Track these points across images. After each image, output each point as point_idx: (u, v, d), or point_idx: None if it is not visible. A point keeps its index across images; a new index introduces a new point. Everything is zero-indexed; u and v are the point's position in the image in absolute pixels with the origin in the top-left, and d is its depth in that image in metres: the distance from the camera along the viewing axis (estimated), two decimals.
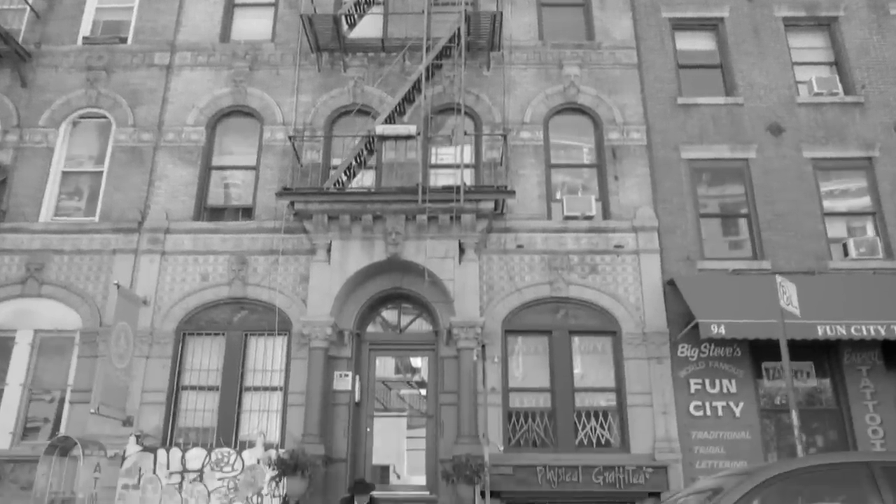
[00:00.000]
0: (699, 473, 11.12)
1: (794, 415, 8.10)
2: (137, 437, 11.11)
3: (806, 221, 12.44)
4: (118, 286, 11.14)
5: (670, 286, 11.96)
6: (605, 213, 12.58)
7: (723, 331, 10.57)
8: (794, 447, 11.49)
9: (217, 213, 12.95)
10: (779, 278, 8.54)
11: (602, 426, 11.56)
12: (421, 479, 11.63)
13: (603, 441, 11.48)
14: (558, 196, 12.70)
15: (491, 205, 11.57)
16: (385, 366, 13.64)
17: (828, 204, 12.71)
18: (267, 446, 11.00)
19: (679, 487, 10.94)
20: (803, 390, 11.85)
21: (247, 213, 12.82)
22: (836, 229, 12.63)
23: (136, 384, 11.60)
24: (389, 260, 11.63)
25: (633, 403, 11.47)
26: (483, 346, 10.59)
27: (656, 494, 10.90)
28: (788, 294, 8.47)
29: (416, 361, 14.11)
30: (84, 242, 12.42)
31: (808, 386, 11.86)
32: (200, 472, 10.83)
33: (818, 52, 13.93)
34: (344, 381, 11.51)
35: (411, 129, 12.04)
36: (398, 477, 12.05)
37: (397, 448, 12.12)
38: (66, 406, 11.69)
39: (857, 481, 4.50)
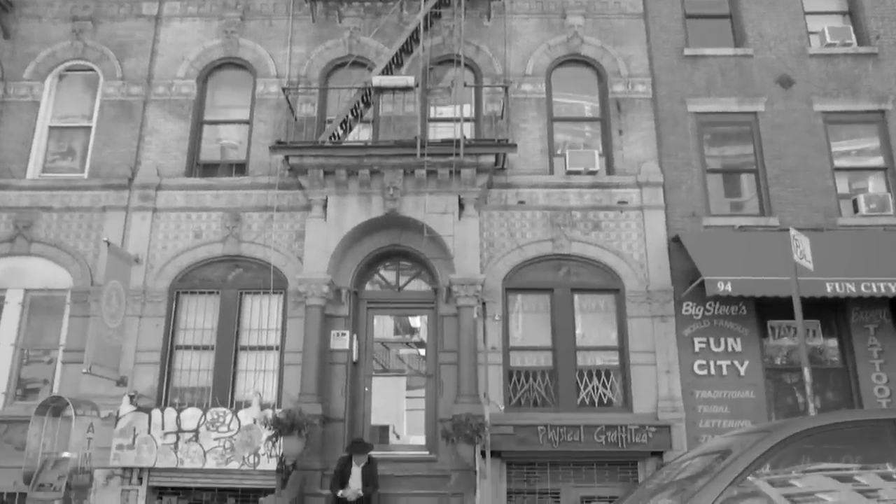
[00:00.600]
0: (702, 433, 10.97)
1: (807, 372, 7.85)
2: (131, 397, 10.91)
3: (815, 177, 12.09)
4: (108, 243, 10.83)
5: (675, 243, 11.66)
6: (609, 169, 12.22)
7: (729, 288, 10.30)
8: (798, 407, 11.37)
9: (210, 169, 12.59)
10: (793, 231, 8.22)
11: (604, 385, 11.37)
12: (420, 440, 11.48)
13: (605, 400, 11.30)
14: (560, 151, 12.31)
15: (491, 159, 11.21)
16: (383, 326, 13.44)
17: (838, 159, 12.34)
18: (263, 406, 10.80)
19: (682, 447, 10.79)
20: (809, 349, 11.62)
21: (240, 168, 12.46)
22: (845, 185, 12.30)
23: (129, 344, 11.37)
24: (387, 216, 11.30)
25: (636, 362, 11.26)
26: (483, 304, 10.33)
27: (659, 454, 10.75)
28: (802, 248, 8.16)
29: (415, 321, 13.91)
30: (73, 199, 12.08)
31: (814, 344, 11.63)
32: (196, 432, 10.65)
33: (831, 0, 13.43)
34: (341, 340, 11.28)
35: (409, 80, 11.61)
36: (397, 437, 11.91)
37: (396, 408, 11.96)
38: (59, 366, 11.48)
39: (880, 439, 4.23)
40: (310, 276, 11.03)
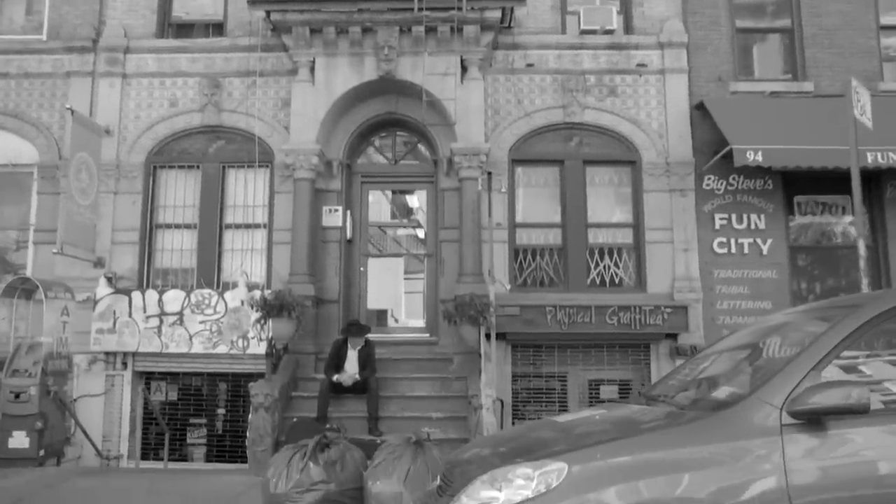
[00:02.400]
0: (720, 314, 10.33)
1: (861, 245, 7.06)
2: (109, 278, 10.16)
3: (857, 37, 10.88)
4: (72, 111, 9.76)
5: (698, 111, 10.61)
6: (628, 27, 10.99)
7: (759, 158, 9.32)
8: (824, 287, 10.67)
9: (184, 30, 11.31)
10: (854, 82, 7.19)
11: (616, 265, 10.62)
12: (420, 323, 10.84)
13: (617, 280, 10.58)
14: (574, 7, 11.00)
15: (497, 13, 9.96)
16: (379, 208, 12.61)
17: (885, 15, 11.07)
18: (251, 287, 10.07)
19: (698, 329, 10.17)
20: (837, 226, 10.82)
21: (218, 29, 11.19)
22: (891, 46, 11.10)
23: (105, 223, 10.52)
24: (382, 79, 10.15)
25: (652, 240, 10.45)
26: (489, 174, 9.37)
27: (673, 336, 10.12)
28: (863, 102, 7.16)
29: (413, 200, 13.07)
30: (32, 64, 10.89)
31: (843, 221, 10.81)
32: (180, 314, 9.96)
33: None
34: (334, 217, 10.41)
35: None
36: (395, 321, 11.27)
37: (394, 291, 11.27)
38: (31, 247, 10.66)
39: None
40: (297, 146, 10.03)
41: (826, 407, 3.04)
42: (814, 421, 3.09)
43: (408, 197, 12.89)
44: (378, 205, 12.49)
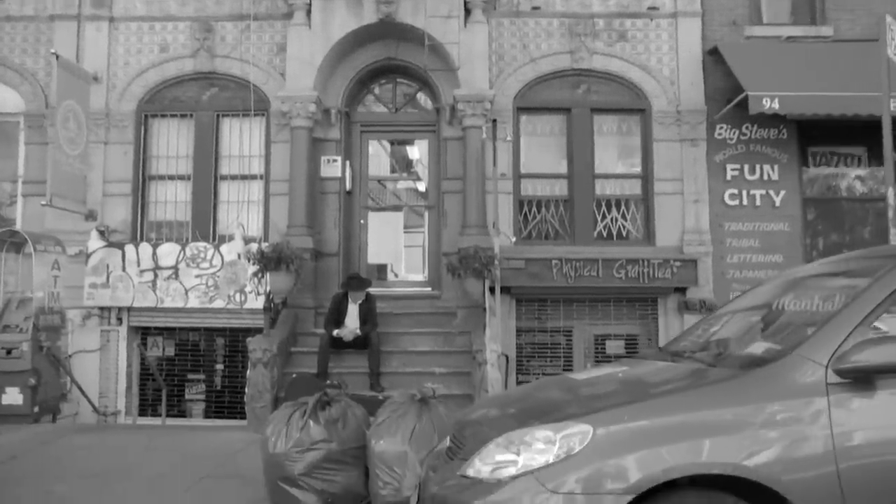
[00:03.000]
0: (730, 268, 10.06)
1: (891, 194, 6.74)
2: (101, 231, 9.85)
3: None
4: (56, 56, 9.30)
5: (711, 56, 10.17)
6: None
7: (776, 105, 8.92)
8: (839, 241, 10.39)
9: None
10: (889, 19, 6.78)
11: (624, 217, 10.31)
12: (421, 277, 10.57)
13: (624, 233, 10.29)
14: None
15: None
16: (380, 161, 12.23)
17: None
18: (248, 240, 9.77)
19: (708, 283, 9.91)
20: (852, 178, 10.49)
21: None
22: None
23: (96, 174, 10.15)
24: (382, 22, 9.66)
25: (661, 191, 10.12)
26: (494, 122, 8.97)
27: (682, 290, 9.87)
28: None
29: (414, 152, 12.67)
30: (13, 7, 10.39)
31: (858, 173, 10.47)
32: (175, 268, 9.68)
33: None
34: (332, 167, 10.04)
35: None
36: (395, 276, 11.01)
37: (394, 246, 10.97)
38: (20, 200, 10.32)
39: None
40: (294, 93, 9.61)
41: (876, 365, 2.77)
42: (862, 379, 2.83)
43: (408, 148, 12.49)
44: (378, 157, 12.11)
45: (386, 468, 4.78)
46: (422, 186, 11.17)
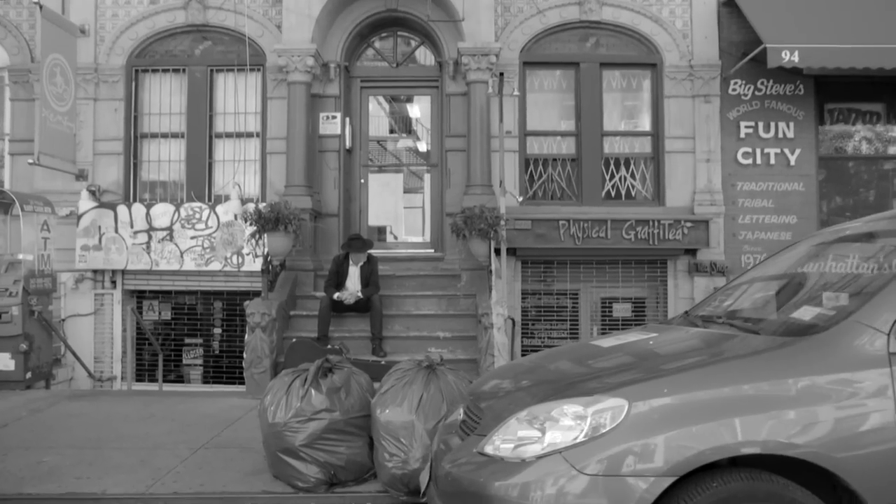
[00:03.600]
0: (741, 230, 9.76)
1: None
2: (92, 192, 9.50)
3: None
4: (40, 7, 8.84)
5: (726, 7, 9.76)
6: None
7: (795, 58, 8.50)
8: (855, 202, 10.06)
9: None
10: None
11: (633, 176, 9.97)
12: (423, 238, 10.26)
13: (633, 193, 9.96)
14: None
15: None
16: (380, 120, 11.84)
17: None
18: (244, 200, 9.44)
19: (719, 245, 9.61)
20: (870, 136, 10.12)
21: None
22: None
23: (85, 132, 9.78)
24: None
25: (672, 149, 9.77)
26: (501, 75, 8.55)
27: (692, 252, 9.58)
28: None
29: (415, 110, 12.28)
30: None
31: (877, 131, 10.11)
32: (170, 230, 9.36)
33: None
34: (332, 125, 9.65)
35: None
36: (395, 238, 10.70)
37: (395, 207, 10.63)
38: (7, 159, 9.95)
39: None
40: (291, 45, 9.18)
41: None
42: None
43: (409, 106, 12.08)
44: (378, 116, 11.73)
45: (392, 439, 4.53)
46: (423, 146, 10.81)
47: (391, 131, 12.08)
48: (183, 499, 4.61)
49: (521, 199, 9.37)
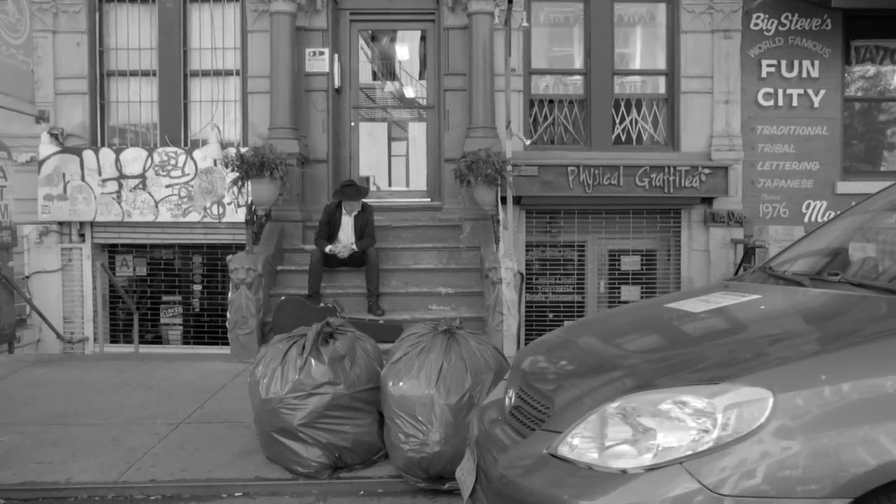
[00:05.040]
0: (761, 177, 9.12)
1: None
2: (54, 135, 8.61)
3: None
4: None
5: None
6: None
7: None
8: (880, 149, 9.44)
9: None
10: None
11: (645, 119, 9.24)
12: (420, 186, 9.51)
13: (645, 137, 9.24)
14: None
15: None
16: (372, 57, 10.98)
17: None
18: (224, 144, 8.60)
19: (737, 192, 8.96)
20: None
21: None
22: None
23: (45, 69, 8.85)
24: None
25: (688, 90, 9.04)
26: (509, 4, 7.69)
27: (709, 200, 8.93)
28: None
29: (405, 52, 11.42)
30: None
31: None
32: (142, 177, 8.52)
33: None
34: (319, 61, 8.76)
35: None
36: (389, 186, 9.96)
37: (387, 153, 9.88)
38: None
39: None
40: None
41: None
42: None
43: (401, 45, 11.20)
44: (369, 54, 10.88)
45: (407, 417, 3.86)
46: (418, 87, 9.96)
47: (384, 69, 11.24)
48: (162, 487, 3.93)
49: (528, 142, 8.61)
